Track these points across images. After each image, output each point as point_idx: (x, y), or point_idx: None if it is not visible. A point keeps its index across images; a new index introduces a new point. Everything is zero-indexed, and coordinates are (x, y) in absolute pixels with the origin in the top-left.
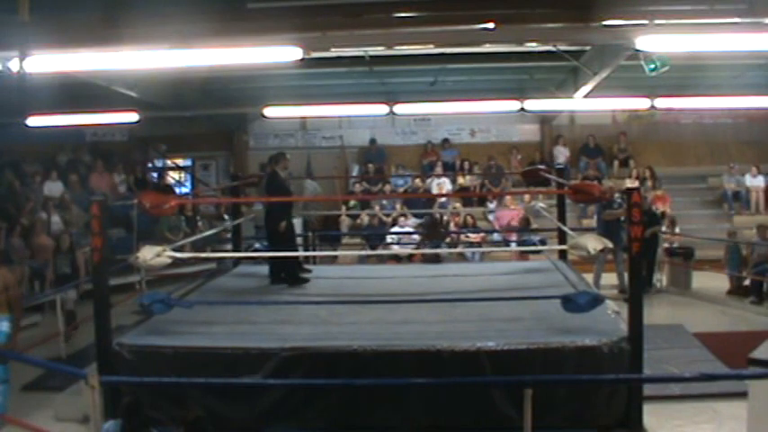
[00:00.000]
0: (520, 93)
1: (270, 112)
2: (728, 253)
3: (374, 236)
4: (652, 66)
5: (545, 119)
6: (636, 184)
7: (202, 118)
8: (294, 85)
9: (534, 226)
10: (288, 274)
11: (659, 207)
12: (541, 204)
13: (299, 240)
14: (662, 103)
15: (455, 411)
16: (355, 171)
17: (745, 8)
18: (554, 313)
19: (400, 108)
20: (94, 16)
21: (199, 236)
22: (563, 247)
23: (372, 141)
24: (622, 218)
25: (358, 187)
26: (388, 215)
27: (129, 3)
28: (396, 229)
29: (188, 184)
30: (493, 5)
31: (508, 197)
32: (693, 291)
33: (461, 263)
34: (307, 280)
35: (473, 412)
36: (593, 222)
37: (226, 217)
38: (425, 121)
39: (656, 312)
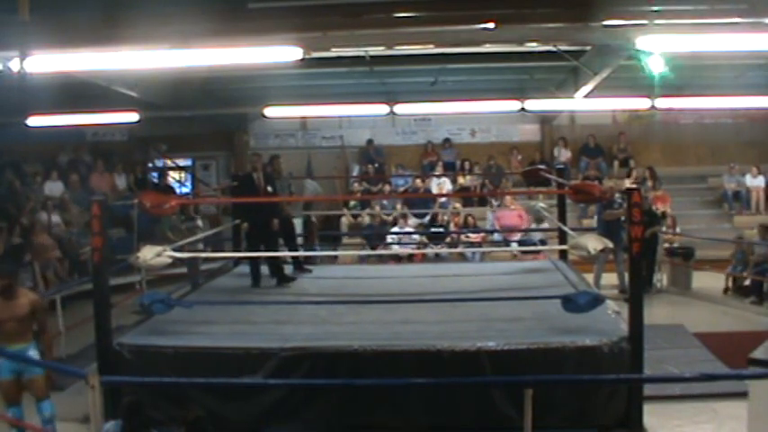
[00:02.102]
0: (520, 93)
1: (270, 112)
2: (735, 253)
3: (374, 236)
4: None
5: (545, 119)
6: (633, 184)
7: (202, 118)
8: (294, 85)
9: (533, 225)
10: (254, 272)
11: (659, 207)
12: (542, 204)
13: (300, 240)
14: (662, 103)
15: (455, 411)
16: (355, 171)
17: (746, 8)
18: (554, 313)
19: (400, 108)
20: (94, 16)
21: (199, 236)
22: (563, 247)
23: (369, 142)
24: (623, 218)
25: (357, 187)
26: (388, 215)
27: (129, 3)
28: (396, 229)
29: (188, 183)
30: (493, 5)
31: (508, 197)
32: (693, 291)
33: (461, 263)
34: (293, 278)
35: (473, 412)
36: (593, 222)
37: (195, 215)
38: (426, 121)
39: (656, 312)
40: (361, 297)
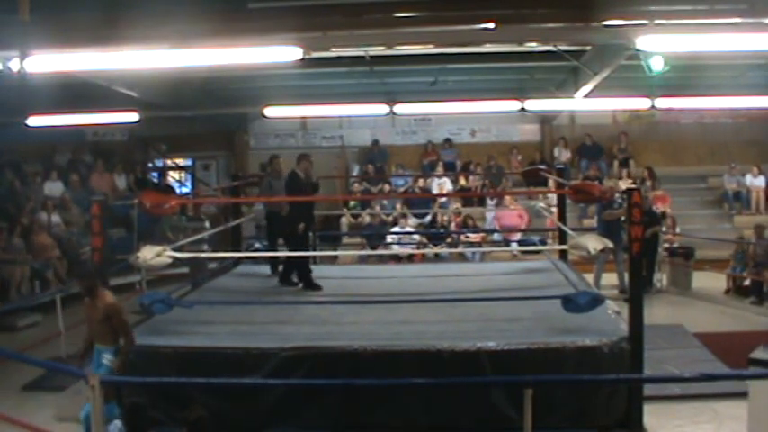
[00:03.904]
0: (520, 93)
1: (270, 112)
2: (735, 253)
3: (374, 236)
4: (653, 66)
5: (545, 119)
6: (630, 183)
7: (202, 118)
8: (294, 85)
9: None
10: (303, 277)
11: (659, 207)
12: (542, 204)
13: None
14: (662, 103)
15: (455, 411)
16: (355, 171)
17: (746, 8)
18: (554, 313)
19: (400, 108)
20: (94, 16)
21: (198, 236)
22: (563, 247)
23: (375, 142)
24: (622, 218)
25: (357, 187)
26: (388, 215)
27: (129, 3)
28: (396, 229)
29: (188, 183)
30: (493, 5)
31: (508, 197)
32: (693, 291)
33: (461, 263)
34: (320, 287)
35: (473, 412)
36: (593, 222)
37: (203, 217)
38: (426, 121)
39: (656, 312)
40: (361, 297)
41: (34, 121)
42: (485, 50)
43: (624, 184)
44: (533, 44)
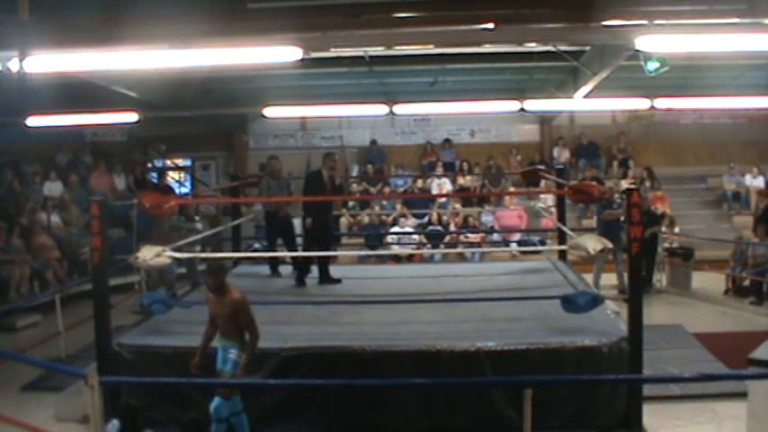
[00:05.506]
0: (520, 93)
1: (270, 112)
2: (734, 253)
3: (374, 236)
4: (652, 66)
5: (545, 119)
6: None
7: (202, 118)
8: (294, 85)
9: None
10: (322, 272)
11: (659, 207)
12: (541, 204)
13: (299, 240)
14: (662, 103)
15: (455, 412)
16: (355, 171)
17: (745, 8)
18: (554, 313)
19: (400, 108)
20: (94, 16)
21: (199, 236)
22: (563, 247)
23: (373, 142)
24: (622, 218)
25: (356, 187)
26: (387, 215)
27: (129, 3)
28: (396, 229)
29: (188, 184)
30: (493, 5)
31: (507, 197)
32: (693, 291)
33: (461, 263)
34: (339, 281)
35: (473, 413)
36: (592, 222)
37: (195, 218)
38: (425, 122)
39: (656, 312)
40: (360, 297)
41: (34, 121)
42: (485, 50)
43: (625, 185)
44: (533, 44)
